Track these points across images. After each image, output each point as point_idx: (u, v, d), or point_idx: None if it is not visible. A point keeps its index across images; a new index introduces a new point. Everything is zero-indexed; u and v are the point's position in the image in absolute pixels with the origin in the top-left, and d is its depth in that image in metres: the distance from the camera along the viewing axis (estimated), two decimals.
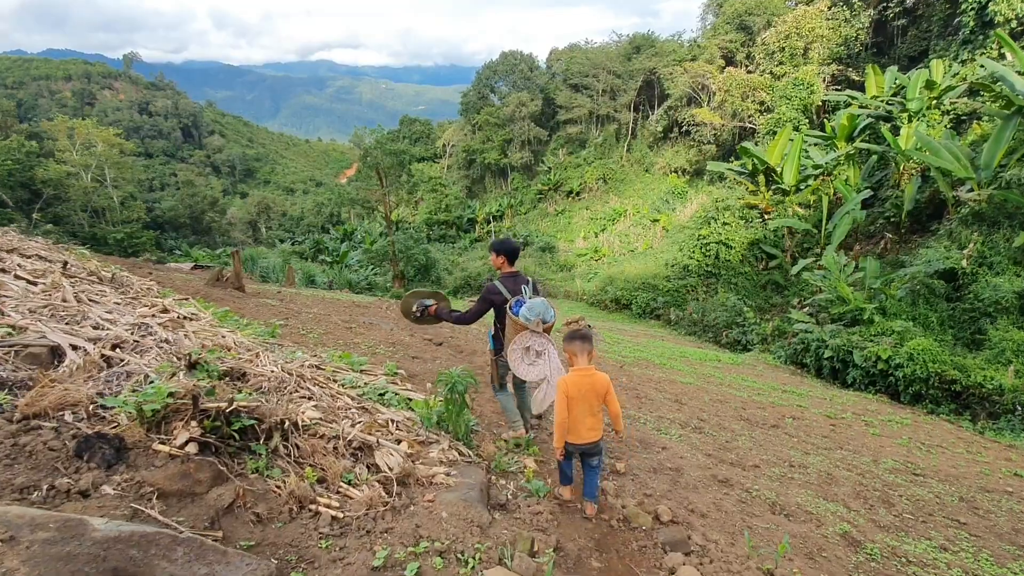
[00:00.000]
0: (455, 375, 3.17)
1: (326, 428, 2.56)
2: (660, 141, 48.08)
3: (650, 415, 5.42)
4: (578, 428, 2.90)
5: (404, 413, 3.42)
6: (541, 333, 3.35)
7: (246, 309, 6.95)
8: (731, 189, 28.92)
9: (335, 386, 3.52)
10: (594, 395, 2.92)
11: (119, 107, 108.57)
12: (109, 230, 47.70)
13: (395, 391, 3.90)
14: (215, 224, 68.71)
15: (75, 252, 8.31)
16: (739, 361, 14.12)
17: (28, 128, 57.82)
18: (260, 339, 4.69)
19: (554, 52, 63.87)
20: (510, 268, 3.72)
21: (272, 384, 3.03)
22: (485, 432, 3.88)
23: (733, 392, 9.26)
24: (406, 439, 2.85)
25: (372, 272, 36.66)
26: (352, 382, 3.78)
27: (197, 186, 70.42)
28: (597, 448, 3.01)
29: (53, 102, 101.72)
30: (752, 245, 22.70)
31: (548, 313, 3.37)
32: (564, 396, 2.87)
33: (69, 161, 49.84)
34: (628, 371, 8.64)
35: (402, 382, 4.13)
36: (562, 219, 46.44)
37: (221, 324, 4.29)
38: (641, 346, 14.20)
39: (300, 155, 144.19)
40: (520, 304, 3.44)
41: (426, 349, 6.35)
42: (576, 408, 2.88)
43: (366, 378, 4.01)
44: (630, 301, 24.78)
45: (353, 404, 3.33)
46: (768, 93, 36.38)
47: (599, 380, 2.96)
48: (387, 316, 9.64)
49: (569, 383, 2.90)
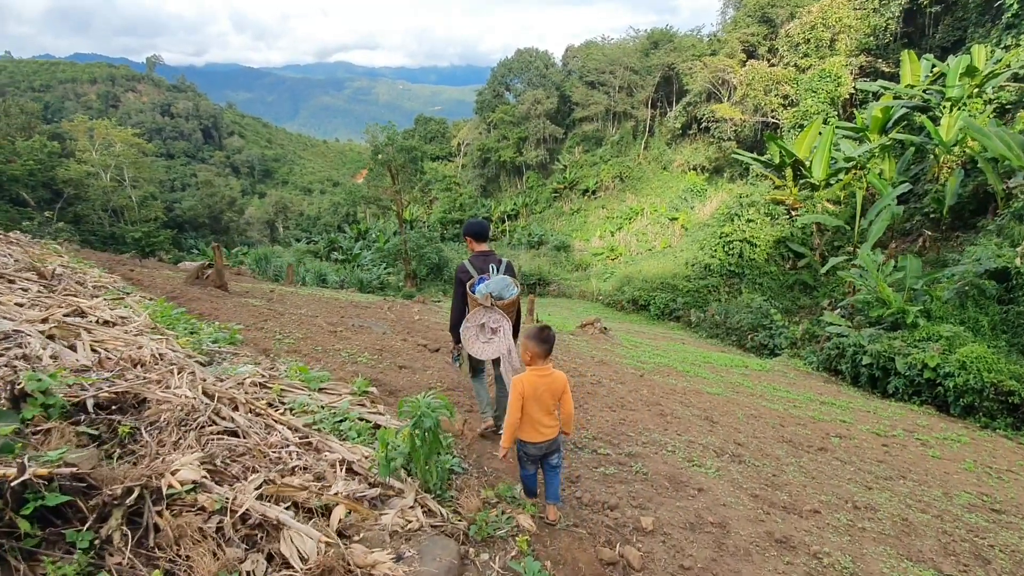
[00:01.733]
0: (423, 404, 2.37)
1: (210, 495, 1.77)
2: (678, 138, 46.82)
3: (678, 439, 4.55)
4: (535, 427, 2.83)
5: (364, 450, 2.63)
6: (493, 308, 3.24)
7: (220, 311, 6.24)
8: (754, 185, 27.69)
9: (275, 413, 2.74)
10: (550, 395, 2.84)
11: (142, 109, 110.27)
12: (127, 229, 48.00)
13: (360, 416, 3.12)
14: (233, 224, 69.08)
15: (47, 247, 7.70)
16: (767, 367, 13.08)
17: (51, 129, 58.63)
18: (212, 348, 3.94)
19: (570, 49, 62.90)
20: (479, 247, 3.66)
21: (174, 415, 2.27)
22: (472, 472, 3.06)
23: (767, 405, 8.30)
24: (343, 501, 2.04)
25: (385, 271, 36.21)
26: (303, 406, 3.00)
27: (216, 186, 70.91)
28: (555, 446, 2.94)
29: (79, 104, 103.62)
30: (778, 243, 21.50)
31: (507, 291, 3.27)
32: (519, 396, 2.78)
33: (89, 161, 50.35)
34: (649, 380, 7.75)
35: (373, 403, 3.34)
36: (578, 218, 45.47)
37: (153, 331, 3.57)
38: (661, 350, 13.25)
39: (318, 156, 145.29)
40: (482, 281, 3.36)
41: (418, 357, 5.56)
42: (532, 408, 2.80)
43: (325, 399, 3.23)
44: (648, 302, 23.74)
45: (294, 439, 2.55)
46: (792, 86, 35.05)
47: (556, 379, 2.86)
48: (385, 317, 8.88)
49: (525, 383, 2.79)
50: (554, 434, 2.86)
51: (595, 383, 6.24)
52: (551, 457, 2.92)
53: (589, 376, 6.63)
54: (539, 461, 2.93)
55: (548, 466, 2.94)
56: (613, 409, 5.15)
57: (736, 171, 39.65)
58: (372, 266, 37.10)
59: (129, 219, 51.44)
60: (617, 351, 11.26)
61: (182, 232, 61.23)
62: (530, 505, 2.91)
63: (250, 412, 2.67)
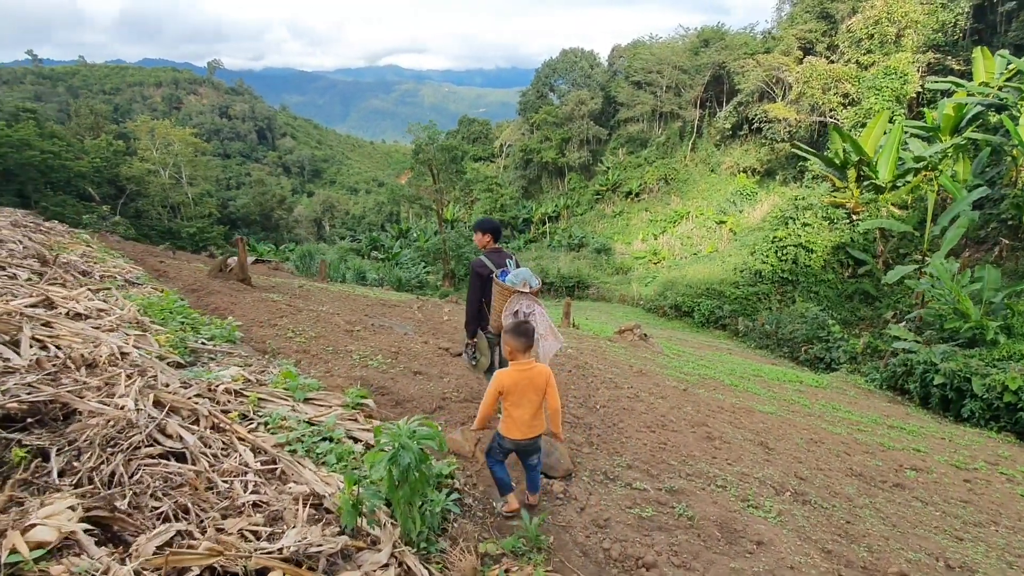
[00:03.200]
0: (404, 432, 1.86)
1: (73, 567, 1.30)
2: (728, 139, 45.04)
3: (730, 471, 3.89)
4: (519, 425, 2.75)
5: (342, 480, 2.14)
6: (527, 294, 3.33)
7: (238, 305, 5.96)
8: (810, 187, 26.06)
9: (241, 430, 2.30)
10: (533, 389, 2.75)
11: (202, 111, 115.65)
12: (183, 224, 50.08)
13: (349, 433, 2.65)
14: (283, 221, 71.21)
15: (77, 236, 7.67)
16: (824, 383, 12.00)
17: (117, 128, 62.02)
18: (204, 346, 3.58)
19: (616, 49, 61.65)
20: (494, 244, 3.75)
21: (102, 433, 1.85)
22: (475, 512, 2.53)
23: (827, 427, 7.42)
24: (280, 565, 1.53)
25: (424, 270, 36.29)
26: (280, 420, 2.56)
27: (268, 185, 73.32)
28: (535, 446, 2.85)
29: (145, 106, 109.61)
30: (837, 249, 20.02)
31: (532, 280, 3.41)
32: (496, 390, 2.73)
33: (150, 159, 52.91)
34: (694, 395, 7.02)
35: (367, 418, 2.86)
36: (620, 220, 44.36)
37: (134, 326, 3.22)
38: (706, 361, 12.36)
39: (365, 156, 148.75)
40: (505, 274, 3.49)
41: (436, 362, 5.08)
42: (513, 405, 2.73)
43: (311, 411, 2.78)
44: (692, 308, 22.64)
45: (255, 464, 2.10)
46: (854, 84, 33.15)
47: (538, 373, 2.77)
48: (412, 317, 8.49)
49: (504, 377, 2.74)
50: (536, 433, 2.77)
51: (632, 397, 5.60)
52: (530, 458, 2.86)
53: (626, 389, 5.99)
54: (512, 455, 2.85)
55: (527, 465, 2.89)
56: (652, 429, 4.52)
57: (790, 173, 37.73)
58: (411, 265, 37.25)
59: (185, 215, 53.76)
60: (658, 360, 10.50)
61: (235, 228, 63.47)
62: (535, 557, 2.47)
63: (212, 427, 2.24)
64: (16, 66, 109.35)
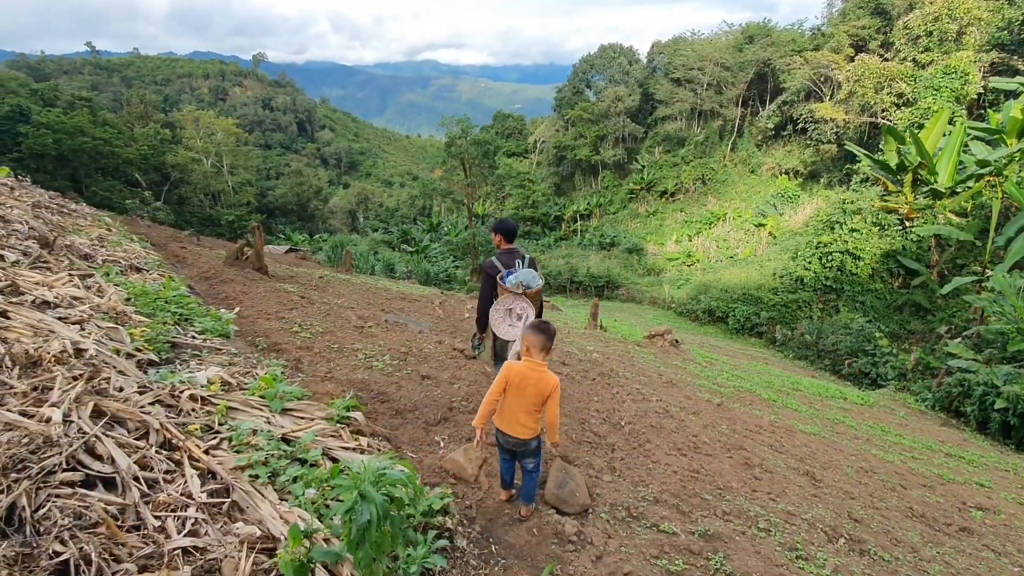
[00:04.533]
0: (368, 473, 1.46)
1: None
2: (770, 139, 43.38)
3: (773, 508, 3.38)
4: (510, 419, 2.70)
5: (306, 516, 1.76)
6: (521, 296, 3.50)
7: (248, 295, 5.72)
8: (858, 191, 24.68)
9: (196, 449, 1.95)
10: (535, 392, 2.67)
11: (246, 102, 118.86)
12: (222, 212, 51.41)
13: (328, 452, 2.27)
14: (318, 212, 72.45)
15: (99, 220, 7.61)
16: (871, 401, 11.16)
17: (164, 117, 64.12)
18: (192, 340, 3.28)
19: (656, 45, 60.15)
20: (507, 245, 3.85)
21: (6, 453, 1.52)
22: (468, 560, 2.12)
23: (878, 454, 6.75)
24: None
25: (452, 264, 36.18)
26: (248, 435, 2.20)
27: (305, 176, 74.62)
28: (528, 449, 2.77)
29: (193, 97, 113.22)
30: (887, 257, 18.80)
31: (533, 281, 3.56)
32: (504, 380, 2.68)
33: (193, 148, 54.51)
34: (729, 410, 6.46)
35: (354, 434, 2.47)
36: (653, 220, 43.29)
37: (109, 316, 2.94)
38: (741, 371, 11.67)
39: (400, 150, 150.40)
40: (510, 274, 3.62)
41: (449, 364, 4.70)
42: (512, 398, 2.69)
43: (287, 424, 2.42)
44: (726, 314, 21.71)
45: (200, 495, 1.75)
46: (909, 83, 31.43)
47: (546, 379, 2.69)
48: (431, 313, 8.15)
49: (513, 370, 2.69)
50: (529, 435, 2.69)
51: (662, 412, 5.11)
52: (525, 460, 2.80)
53: (655, 402, 5.49)
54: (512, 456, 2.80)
55: (524, 469, 2.83)
56: (684, 452, 4.03)
57: (835, 176, 36.06)
58: (440, 258, 37.20)
59: (225, 203, 55.22)
60: (689, 368, 9.90)
61: (272, 218, 64.89)
62: None
63: (162, 444, 1.91)
64: (76, 57, 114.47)
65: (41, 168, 38.05)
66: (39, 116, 38.94)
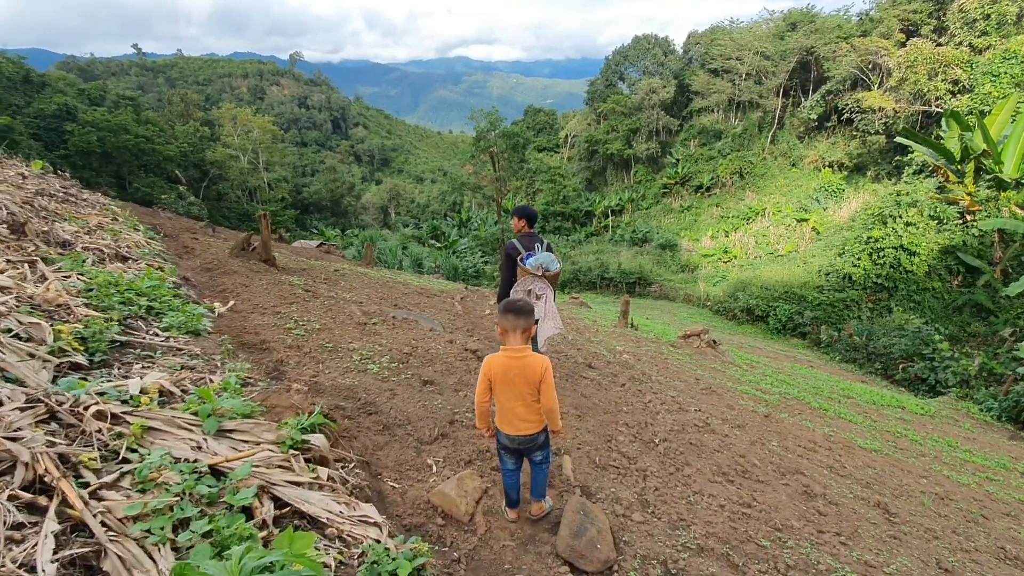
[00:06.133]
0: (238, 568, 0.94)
1: None
2: (813, 131, 41.34)
3: (847, 557, 2.72)
4: (509, 417, 2.45)
5: None
6: (540, 277, 3.51)
7: (248, 288, 5.32)
8: (909, 183, 23.01)
9: (71, 492, 1.46)
10: (523, 381, 2.39)
11: (283, 101, 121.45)
12: (257, 207, 52.36)
13: (267, 488, 1.75)
14: (351, 208, 73.33)
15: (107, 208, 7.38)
16: (931, 411, 10.13)
17: (203, 115, 65.84)
18: (154, 340, 2.82)
19: (692, 36, 58.19)
20: (528, 229, 3.98)
21: None
22: None
23: (951, 474, 5.91)
24: None
25: (481, 259, 35.77)
26: (158, 468, 1.69)
27: (339, 172, 75.66)
28: (535, 443, 2.53)
29: (233, 96, 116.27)
30: (945, 253, 17.36)
31: (552, 264, 3.56)
32: (484, 377, 2.43)
33: (231, 145, 55.77)
34: (777, 423, 5.73)
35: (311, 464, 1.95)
36: (688, 216, 41.89)
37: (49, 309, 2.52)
38: (785, 375, 10.78)
39: (432, 146, 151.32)
40: (530, 256, 3.66)
41: (457, 367, 4.16)
42: (503, 394, 2.42)
43: (224, 450, 1.90)
44: (766, 312, 20.55)
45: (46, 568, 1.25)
46: (966, 69, 29.28)
47: (531, 364, 2.37)
48: (450, 309, 7.65)
49: (493, 365, 2.40)
50: (533, 430, 2.50)
51: (702, 426, 4.45)
52: (534, 454, 2.62)
53: (693, 413, 4.83)
54: (519, 456, 2.61)
55: (532, 463, 2.67)
56: (730, 478, 3.39)
57: (883, 169, 34.03)
58: (468, 253, 36.85)
59: (260, 199, 56.35)
60: (729, 372, 9.12)
61: (306, 213, 65.95)
62: None
63: (31, 484, 1.43)
64: (124, 59, 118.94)
65: (87, 165, 39.44)
66: (85, 115, 40.34)
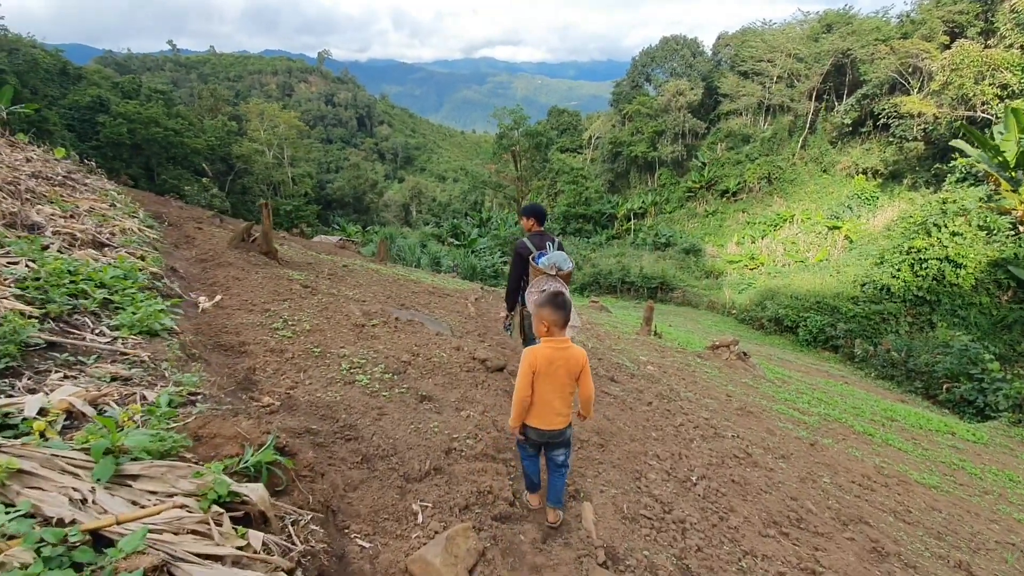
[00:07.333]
0: None
1: None
2: (847, 136, 39.88)
3: None
4: (545, 411, 2.40)
5: None
6: (555, 277, 3.47)
7: (241, 281, 4.88)
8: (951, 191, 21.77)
9: None
10: (566, 373, 2.38)
11: (310, 98, 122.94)
12: (280, 202, 52.81)
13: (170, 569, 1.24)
14: (373, 205, 73.65)
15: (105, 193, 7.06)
16: (984, 439, 9.26)
17: (232, 110, 66.78)
18: (93, 344, 2.36)
19: (722, 37, 56.86)
20: (538, 228, 3.96)
21: None
22: None
23: (1021, 517, 5.17)
24: None
25: (500, 259, 35.26)
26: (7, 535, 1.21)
27: (362, 170, 76.07)
28: (563, 437, 2.49)
29: (262, 93, 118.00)
30: (994, 266, 16.26)
31: (565, 264, 3.54)
32: (530, 370, 2.34)
33: (257, 139, 56.38)
34: (823, 451, 5.06)
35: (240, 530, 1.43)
36: (712, 221, 40.81)
37: None
38: (820, 392, 10.01)
39: (455, 146, 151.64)
40: (542, 255, 3.62)
41: (462, 380, 3.63)
42: (543, 386, 2.37)
43: (118, 506, 1.37)
44: (796, 323, 19.61)
45: None
46: (1016, 73, 27.79)
47: (574, 355, 2.39)
48: (461, 311, 7.13)
49: (538, 355, 2.34)
50: (564, 424, 2.42)
51: (743, 457, 3.84)
52: (556, 452, 2.50)
53: (730, 439, 4.21)
54: (540, 448, 2.52)
55: (552, 463, 2.53)
56: (784, 530, 2.79)
57: (921, 176, 32.54)
58: (487, 253, 36.39)
59: (284, 193, 56.85)
60: (762, 388, 8.43)
61: (329, 209, 66.33)
62: None
63: None
64: (159, 55, 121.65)
65: (117, 156, 40.12)
66: (117, 107, 41.06)
